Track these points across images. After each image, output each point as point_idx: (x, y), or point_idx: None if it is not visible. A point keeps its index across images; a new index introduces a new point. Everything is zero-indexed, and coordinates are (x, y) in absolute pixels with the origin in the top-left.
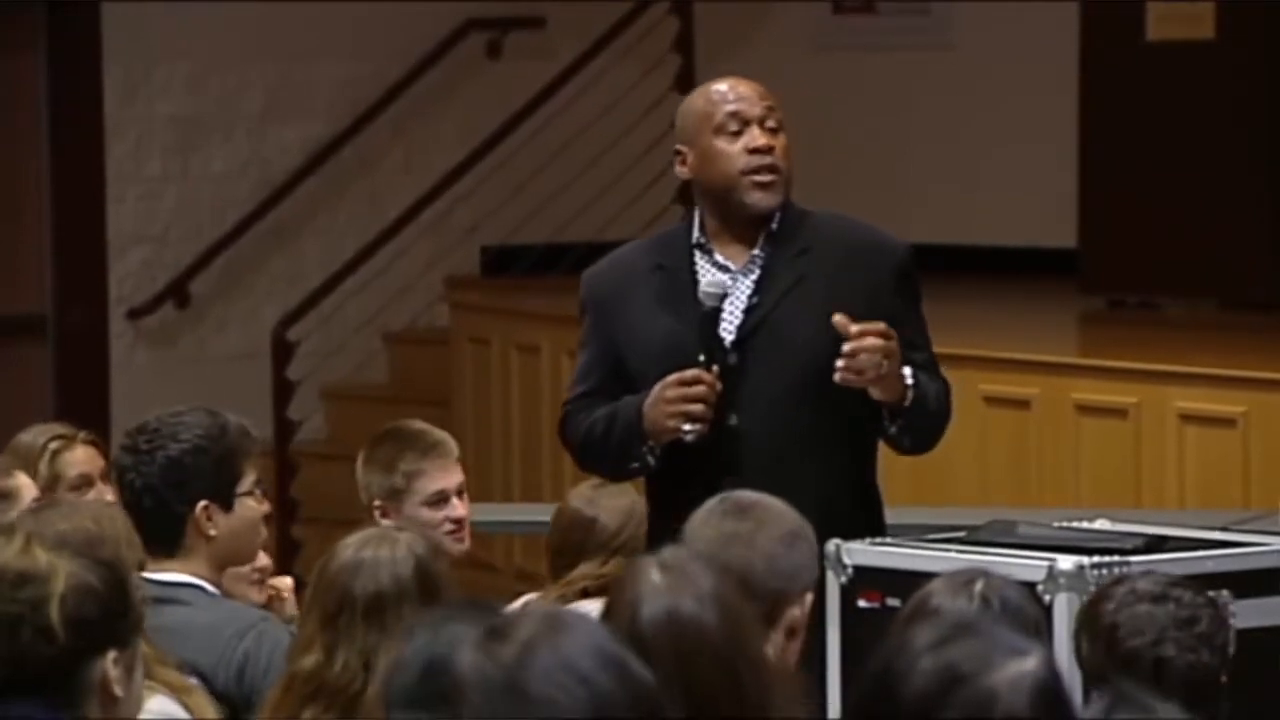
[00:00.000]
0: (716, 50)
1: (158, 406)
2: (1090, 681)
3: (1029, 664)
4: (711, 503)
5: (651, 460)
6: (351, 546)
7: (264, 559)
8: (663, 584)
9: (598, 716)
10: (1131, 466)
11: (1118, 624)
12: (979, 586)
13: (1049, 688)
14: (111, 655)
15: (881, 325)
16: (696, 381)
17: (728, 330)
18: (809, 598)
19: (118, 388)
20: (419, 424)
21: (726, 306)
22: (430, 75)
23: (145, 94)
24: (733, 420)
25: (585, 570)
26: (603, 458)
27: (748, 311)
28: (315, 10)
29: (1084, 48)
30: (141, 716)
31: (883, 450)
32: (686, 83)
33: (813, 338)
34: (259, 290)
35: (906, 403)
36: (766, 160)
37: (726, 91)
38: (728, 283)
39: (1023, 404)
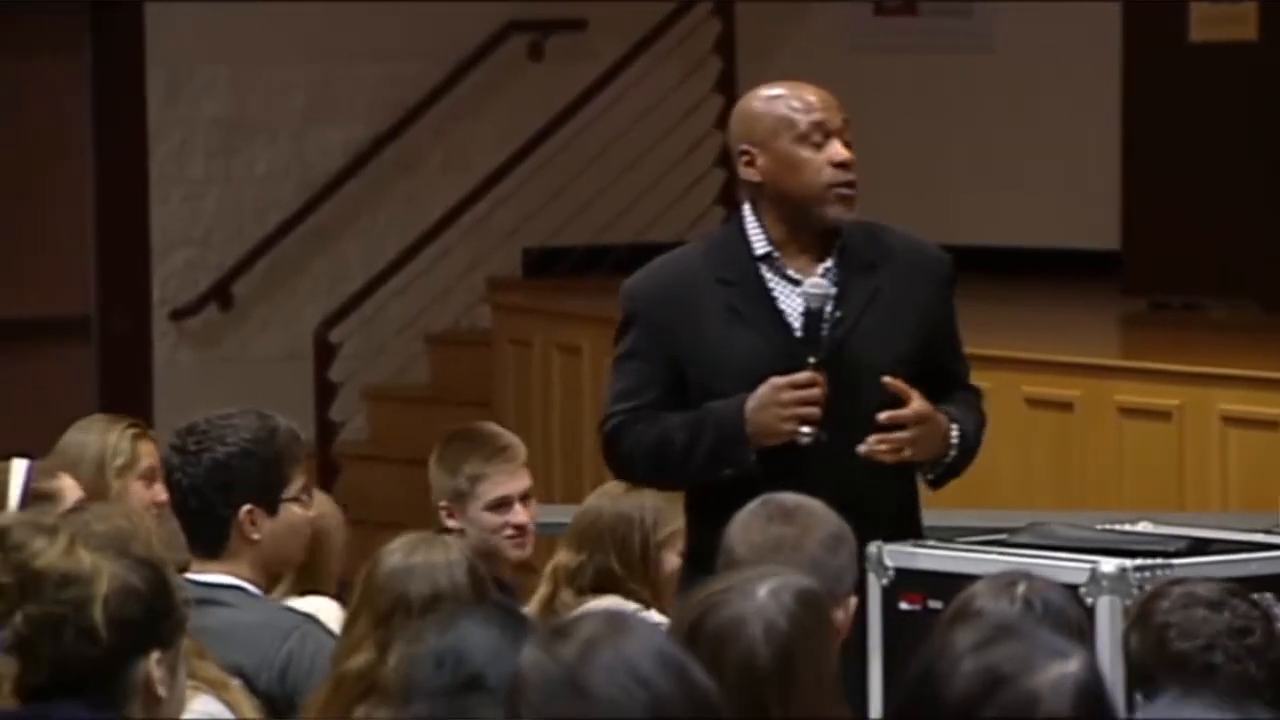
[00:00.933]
0: (757, 52)
1: (200, 408)
2: (1136, 678)
3: (1071, 666)
4: (753, 506)
5: (752, 462)
6: (399, 552)
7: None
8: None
9: (656, 717)
10: (1174, 469)
11: (1170, 624)
12: (1021, 589)
13: (1091, 689)
14: (155, 656)
15: (918, 409)
16: (811, 384)
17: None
18: (852, 600)
19: (161, 389)
20: (492, 427)
21: (800, 323)
22: (472, 77)
23: (188, 95)
24: (823, 436)
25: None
26: (682, 465)
27: (831, 326)
28: (357, 12)
29: (1126, 49)
30: (186, 716)
31: None
32: (728, 84)
33: (895, 349)
34: (301, 292)
35: (947, 459)
36: (850, 175)
37: (809, 99)
38: (828, 285)
39: (1065, 406)
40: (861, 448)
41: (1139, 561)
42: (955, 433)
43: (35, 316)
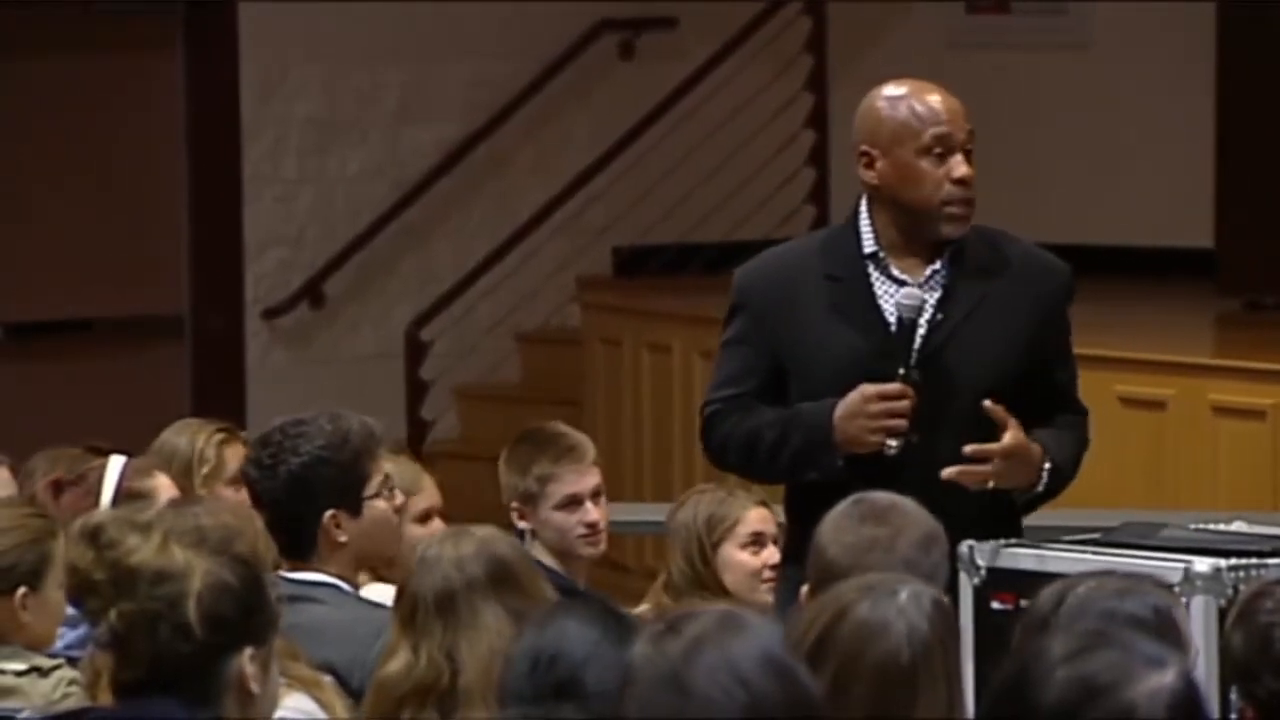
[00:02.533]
0: (849, 50)
1: (293, 406)
2: (1235, 678)
3: (1168, 676)
4: (844, 506)
5: (839, 467)
6: (423, 547)
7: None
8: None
9: (752, 718)
10: (1269, 468)
11: (1275, 625)
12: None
13: (1187, 698)
14: (248, 652)
15: (1007, 446)
16: (901, 396)
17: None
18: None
19: (253, 387)
20: (558, 427)
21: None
22: (563, 76)
23: (281, 95)
24: (914, 438)
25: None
26: (770, 463)
27: (932, 329)
28: (449, 11)
29: (1221, 47)
30: (279, 714)
31: None
32: (819, 83)
33: (997, 358)
34: (392, 291)
35: (1039, 489)
36: (968, 193)
37: (936, 109)
38: (923, 295)
39: (1159, 405)
40: (946, 472)
41: (1233, 561)
42: (1047, 467)
43: (129, 315)
